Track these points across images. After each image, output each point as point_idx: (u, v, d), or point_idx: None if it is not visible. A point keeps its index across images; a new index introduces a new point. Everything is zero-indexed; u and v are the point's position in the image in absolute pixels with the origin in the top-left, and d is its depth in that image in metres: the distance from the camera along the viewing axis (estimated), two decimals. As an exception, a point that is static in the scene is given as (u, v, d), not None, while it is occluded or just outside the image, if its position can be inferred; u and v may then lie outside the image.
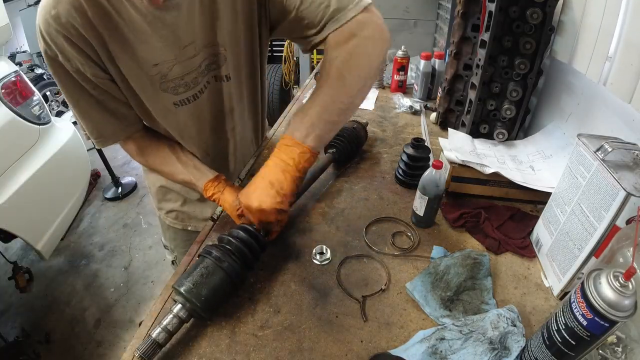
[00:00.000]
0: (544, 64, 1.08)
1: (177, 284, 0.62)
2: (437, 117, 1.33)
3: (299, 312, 0.66)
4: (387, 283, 0.71)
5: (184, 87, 0.77)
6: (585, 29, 0.88)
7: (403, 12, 2.12)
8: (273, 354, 0.59)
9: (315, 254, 0.77)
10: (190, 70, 0.75)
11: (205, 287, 0.61)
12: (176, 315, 0.59)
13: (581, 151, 0.65)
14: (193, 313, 0.60)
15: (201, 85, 0.79)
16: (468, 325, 0.59)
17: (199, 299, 0.59)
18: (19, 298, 2.04)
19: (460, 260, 0.70)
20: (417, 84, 1.55)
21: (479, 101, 1.08)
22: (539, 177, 0.92)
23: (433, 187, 0.78)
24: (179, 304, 0.60)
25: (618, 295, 0.43)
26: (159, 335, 0.57)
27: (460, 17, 1.15)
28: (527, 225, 0.84)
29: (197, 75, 0.77)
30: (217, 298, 0.62)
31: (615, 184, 0.55)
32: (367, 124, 1.18)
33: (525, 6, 0.95)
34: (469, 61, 1.17)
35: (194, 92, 0.79)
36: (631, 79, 0.68)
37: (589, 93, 0.93)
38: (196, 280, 0.61)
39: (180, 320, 0.59)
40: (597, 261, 0.60)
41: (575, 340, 0.47)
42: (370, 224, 0.86)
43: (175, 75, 0.74)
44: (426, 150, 0.97)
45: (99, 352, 1.80)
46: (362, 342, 0.61)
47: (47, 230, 1.86)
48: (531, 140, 1.08)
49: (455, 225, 0.85)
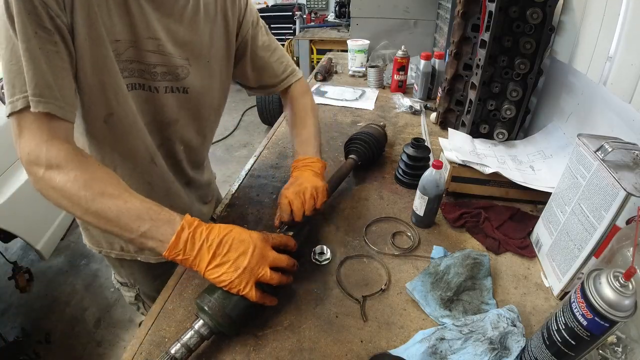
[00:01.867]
0: (544, 64, 1.08)
1: (201, 299, 0.58)
2: (437, 117, 1.33)
3: (299, 312, 0.66)
4: (387, 283, 0.71)
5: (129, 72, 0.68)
6: (585, 29, 0.88)
7: (403, 12, 2.11)
8: (273, 354, 0.59)
9: (315, 254, 0.76)
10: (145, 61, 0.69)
11: (231, 306, 0.57)
12: (197, 331, 0.56)
13: (581, 151, 0.65)
14: (215, 330, 0.57)
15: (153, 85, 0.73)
16: (468, 325, 0.59)
17: (225, 319, 0.56)
18: (19, 298, 2.04)
19: (460, 260, 0.70)
20: (417, 84, 1.55)
21: (479, 101, 1.08)
22: (539, 177, 0.92)
23: (433, 187, 0.78)
24: (201, 320, 0.57)
25: (618, 295, 0.43)
26: (177, 351, 0.54)
27: (460, 17, 1.15)
28: (527, 225, 0.84)
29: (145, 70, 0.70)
30: (243, 318, 0.59)
31: (615, 184, 0.55)
32: (384, 125, 1.16)
33: (525, 6, 0.95)
34: (469, 61, 1.17)
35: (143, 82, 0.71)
36: (631, 79, 0.68)
37: (589, 93, 0.93)
38: (222, 299, 0.57)
39: (202, 338, 0.56)
40: (597, 261, 0.60)
41: (575, 340, 0.47)
42: (370, 224, 0.86)
43: (128, 57, 0.67)
44: (426, 150, 0.97)
45: (99, 352, 1.80)
46: (362, 342, 0.61)
47: (47, 230, 1.86)
48: (531, 140, 1.08)
49: (455, 225, 0.85)
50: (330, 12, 4.32)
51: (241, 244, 0.59)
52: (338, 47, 3.25)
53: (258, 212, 0.91)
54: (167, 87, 0.74)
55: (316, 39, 3.54)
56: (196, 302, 0.59)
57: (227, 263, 0.57)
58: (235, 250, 0.58)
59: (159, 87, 0.73)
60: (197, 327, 0.56)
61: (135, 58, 0.68)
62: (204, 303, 0.57)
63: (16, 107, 0.55)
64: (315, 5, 4.47)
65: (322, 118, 1.43)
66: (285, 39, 3.99)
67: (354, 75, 1.91)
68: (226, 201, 0.96)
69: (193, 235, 0.58)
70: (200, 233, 0.58)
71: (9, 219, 1.66)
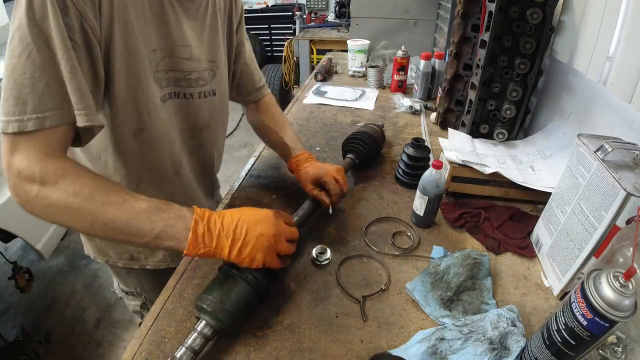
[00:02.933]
0: (544, 64, 1.08)
1: (200, 300, 0.58)
2: (437, 117, 1.33)
3: (299, 312, 0.66)
4: (387, 283, 0.71)
5: (167, 81, 0.71)
6: (585, 29, 0.88)
7: (403, 12, 2.11)
8: (273, 354, 0.59)
9: (315, 254, 0.76)
10: (181, 69, 0.72)
11: (230, 301, 0.57)
12: (201, 333, 0.55)
13: (581, 151, 0.65)
14: (219, 330, 0.57)
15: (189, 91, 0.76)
16: (468, 325, 0.59)
17: (225, 315, 0.56)
18: (19, 298, 2.04)
19: (460, 260, 0.70)
20: (417, 84, 1.55)
21: (479, 101, 1.08)
22: (538, 177, 0.92)
23: (433, 187, 0.78)
24: (203, 321, 0.56)
25: (618, 295, 0.43)
26: (183, 355, 0.53)
27: (460, 17, 1.15)
28: (527, 225, 0.84)
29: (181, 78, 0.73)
30: (244, 313, 0.59)
31: (615, 184, 0.55)
32: (383, 125, 1.16)
33: (525, 6, 0.95)
34: (469, 61, 1.17)
35: (180, 90, 0.75)
36: (631, 79, 0.68)
37: (589, 93, 0.93)
38: (220, 296, 0.58)
39: (206, 339, 0.56)
40: (597, 261, 0.60)
41: (575, 340, 0.47)
42: (370, 224, 0.86)
43: (165, 67, 0.69)
44: (426, 150, 0.97)
45: (99, 352, 1.80)
46: (362, 342, 0.61)
47: (47, 230, 1.86)
48: (531, 140, 1.08)
49: (455, 225, 0.85)
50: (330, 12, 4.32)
51: (257, 224, 0.60)
52: (338, 47, 3.24)
53: (258, 212, 0.91)
54: (200, 92, 0.78)
55: (316, 39, 3.54)
56: (195, 304, 0.59)
57: (249, 245, 0.59)
58: (253, 232, 0.60)
59: (193, 94, 0.77)
60: (200, 329, 0.56)
61: (172, 67, 0.70)
62: (203, 303, 0.57)
63: (26, 128, 0.51)
64: (315, 5, 4.47)
65: (322, 118, 1.43)
66: (285, 39, 3.98)
67: (354, 75, 1.91)
68: (226, 201, 0.96)
69: (209, 227, 0.58)
70: (214, 222, 0.59)
71: (9, 219, 1.66)
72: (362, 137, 1.03)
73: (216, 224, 0.59)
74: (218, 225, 0.59)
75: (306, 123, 1.38)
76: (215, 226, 0.59)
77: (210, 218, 0.59)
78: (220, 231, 0.58)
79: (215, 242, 0.58)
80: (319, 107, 1.53)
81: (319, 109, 1.51)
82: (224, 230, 0.59)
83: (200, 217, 0.58)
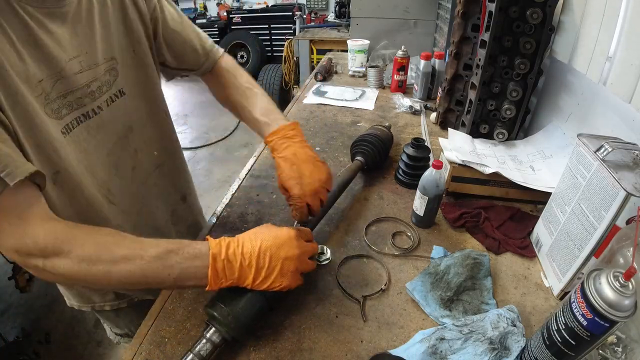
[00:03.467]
0: (544, 64, 1.08)
1: (212, 307, 0.57)
2: (437, 117, 1.33)
3: (299, 312, 0.66)
4: (387, 283, 0.71)
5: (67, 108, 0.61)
6: (585, 29, 0.88)
7: (403, 12, 2.11)
8: (273, 354, 0.59)
9: (315, 254, 0.76)
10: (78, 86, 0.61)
11: (242, 311, 0.57)
12: (209, 340, 0.55)
13: (581, 151, 0.65)
14: (228, 337, 0.56)
15: (95, 105, 0.66)
16: (468, 325, 0.59)
17: (236, 325, 0.56)
18: (19, 298, 2.04)
19: (460, 260, 0.70)
20: (417, 84, 1.55)
21: (479, 101, 1.08)
22: (538, 177, 0.92)
23: (433, 187, 0.78)
24: (213, 328, 0.56)
25: (618, 295, 0.43)
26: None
27: (460, 17, 1.15)
28: (527, 225, 0.84)
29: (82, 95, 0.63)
30: (253, 320, 0.59)
31: (615, 184, 0.55)
32: (390, 126, 1.14)
33: (525, 6, 0.95)
34: (469, 61, 1.17)
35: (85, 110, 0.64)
36: (631, 79, 0.68)
37: (589, 93, 0.93)
38: (232, 304, 0.57)
39: (214, 346, 0.55)
40: (597, 261, 0.60)
41: (575, 340, 0.47)
42: (370, 224, 0.86)
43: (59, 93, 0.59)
44: (426, 150, 0.97)
45: (99, 352, 1.80)
46: (362, 342, 0.61)
47: (47, 230, 1.86)
48: (531, 140, 1.08)
49: (455, 225, 0.85)
50: (330, 12, 4.33)
51: (281, 249, 0.58)
52: (338, 47, 3.24)
53: (258, 212, 0.91)
54: (107, 99, 0.68)
55: (316, 39, 3.54)
56: (206, 310, 0.58)
57: (274, 271, 0.57)
58: (277, 257, 0.58)
59: (101, 105, 0.67)
60: (209, 335, 0.56)
61: (67, 89, 0.60)
62: (215, 311, 0.57)
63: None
64: (315, 5, 4.48)
65: (322, 118, 1.43)
66: (285, 39, 3.99)
67: (354, 75, 1.91)
68: (226, 201, 0.96)
69: (228, 259, 0.56)
70: (234, 253, 0.56)
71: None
72: (372, 140, 1.00)
73: (236, 254, 0.56)
74: (239, 256, 0.56)
75: (306, 123, 1.38)
76: (235, 258, 0.56)
77: (229, 249, 0.56)
78: (242, 261, 0.56)
79: (238, 273, 0.56)
80: (319, 107, 1.53)
81: (319, 109, 1.51)
82: (246, 260, 0.56)
83: (217, 252, 0.56)
